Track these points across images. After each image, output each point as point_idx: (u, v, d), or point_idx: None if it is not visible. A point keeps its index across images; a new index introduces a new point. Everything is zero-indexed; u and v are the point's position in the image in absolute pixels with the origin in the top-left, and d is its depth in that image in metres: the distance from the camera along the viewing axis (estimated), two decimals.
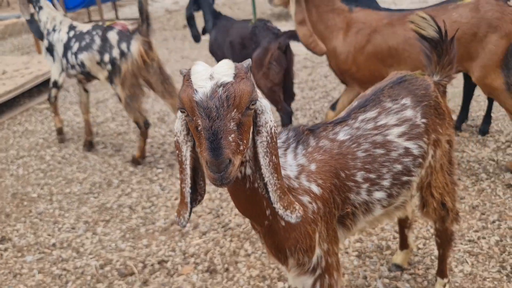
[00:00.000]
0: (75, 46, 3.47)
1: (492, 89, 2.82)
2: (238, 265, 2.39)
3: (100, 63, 3.37)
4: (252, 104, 1.11)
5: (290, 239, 1.33)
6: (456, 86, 4.46)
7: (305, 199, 1.33)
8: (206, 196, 3.03)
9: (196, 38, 4.09)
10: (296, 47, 3.58)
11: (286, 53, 3.35)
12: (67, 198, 3.18)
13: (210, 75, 1.09)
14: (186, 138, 1.22)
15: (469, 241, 2.41)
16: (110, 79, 3.39)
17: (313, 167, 1.37)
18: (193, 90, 1.08)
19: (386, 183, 1.49)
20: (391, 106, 1.54)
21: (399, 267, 2.24)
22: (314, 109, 4.20)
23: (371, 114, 1.52)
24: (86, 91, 3.81)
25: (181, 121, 1.21)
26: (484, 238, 2.42)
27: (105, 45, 3.33)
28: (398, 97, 1.56)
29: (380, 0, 9.00)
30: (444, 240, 1.95)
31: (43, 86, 5.26)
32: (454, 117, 3.75)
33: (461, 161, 3.14)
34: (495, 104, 3.93)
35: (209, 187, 2.91)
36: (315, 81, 4.95)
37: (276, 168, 1.20)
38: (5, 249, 2.68)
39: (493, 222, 2.53)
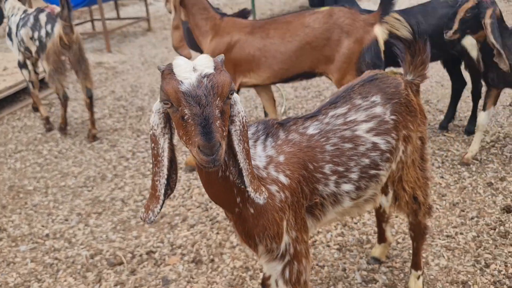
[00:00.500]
0: (20, 25, 4.06)
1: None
2: (223, 256, 2.48)
3: (32, 38, 3.95)
4: (231, 94, 1.21)
5: (259, 226, 1.42)
6: (446, 87, 4.54)
7: (273, 188, 1.42)
8: (196, 191, 3.12)
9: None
10: None
11: None
12: (61, 191, 3.27)
13: (193, 67, 1.18)
14: (164, 130, 1.30)
15: (447, 236, 2.49)
16: (38, 53, 3.97)
17: (281, 158, 1.45)
18: (178, 81, 1.16)
19: (354, 176, 1.57)
20: (361, 103, 1.62)
21: (377, 260, 2.32)
22: (307, 108, 4.28)
23: (341, 110, 1.60)
24: (36, 73, 4.37)
25: (158, 114, 1.29)
26: (461, 233, 2.50)
27: (36, 24, 3.91)
28: (368, 94, 1.64)
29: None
30: (418, 233, 2.02)
31: (43, 82, 5.36)
32: (442, 116, 3.83)
33: (446, 159, 3.22)
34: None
35: (200, 182, 3.00)
36: (308, 81, 5.03)
37: (248, 154, 1.31)
38: (0, 239, 2.77)
39: (472, 218, 2.60)
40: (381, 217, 2.22)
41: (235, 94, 1.27)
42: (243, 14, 3.38)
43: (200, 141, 1.11)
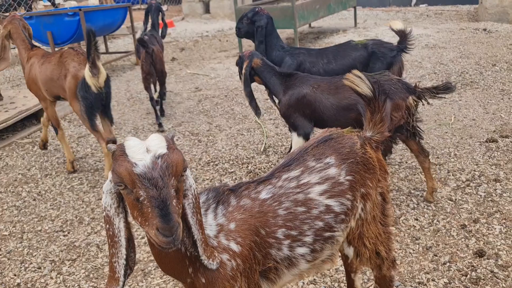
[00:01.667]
0: None
1: (75, 111, 3.84)
2: None
3: None
4: (184, 171, 1.22)
5: None
6: (426, 123, 4.59)
7: (224, 257, 1.42)
8: None
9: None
10: None
11: (152, 55, 5.06)
12: (37, 236, 3.25)
13: (146, 148, 1.20)
14: (118, 210, 1.31)
15: (419, 283, 2.48)
16: None
17: (232, 226, 1.46)
18: (132, 163, 1.18)
19: (308, 239, 1.58)
20: (314, 165, 1.64)
21: None
22: (286, 146, 4.31)
23: (294, 173, 1.62)
24: None
25: (111, 195, 1.30)
26: (433, 280, 2.49)
27: None
28: (322, 156, 1.67)
29: (364, 34, 9.22)
30: (383, 286, 2.02)
31: (27, 120, 5.40)
32: None
33: (420, 200, 3.24)
34: (460, 142, 4.06)
35: None
36: None
37: (201, 224, 1.35)
38: None
39: (444, 263, 2.61)
40: (349, 268, 2.22)
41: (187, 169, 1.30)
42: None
43: (159, 224, 1.13)
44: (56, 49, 7.60)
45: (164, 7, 16.65)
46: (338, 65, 3.49)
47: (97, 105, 3.73)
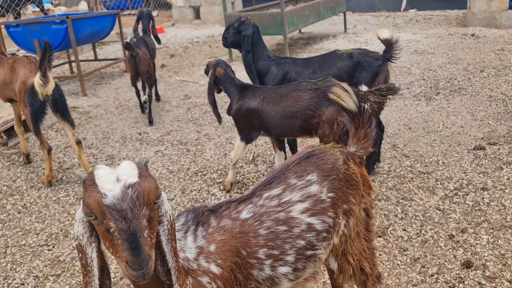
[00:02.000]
0: None
1: (24, 114, 4.09)
2: None
3: None
4: (157, 199, 1.19)
5: None
6: (414, 130, 4.61)
7: (204, 280, 1.39)
8: None
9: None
10: None
11: (136, 57, 5.36)
12: (21, 250, 3.19)
13: (116, 177, 1.16)
14: (90, 239, 1.27)
15: None
16: None
17: (212, 247, 1.44)
18: (101, 194, 1.14)
19: (290, 258, 1.55)
20: (296, 182, 1.62)
21: None
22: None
23: (276, 191, 1.60)
24: None
25: (83, 223, 1.26)
26: None
27: None
28: (304, 173, 1.65)
29: (354, 40, 9.24)
30: None
31: (13, 130, 5.32)
32: (408, 162, 3.86)
33: (408, 209, 3.23)
34: (448, 149, 4.07)
35: None
36: None
37: (175, 252, 1.30)
38: None
39: (432, 275, 2.59)
40: (335, 283, 2.20)
41: (162, 194, 1.26)
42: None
43: (128, 257, 1.10)
44: None
45: (155, 13, 16.63)
46: (323, 75, 3.49)
47: (42, 111, 4.02)
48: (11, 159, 4.77)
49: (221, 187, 3.80)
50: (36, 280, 2.87)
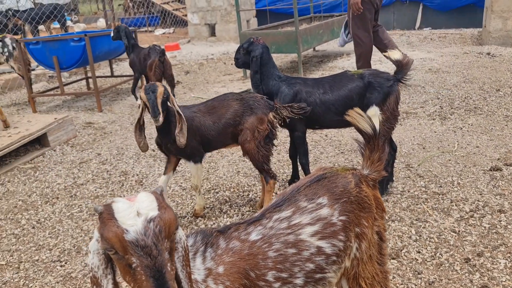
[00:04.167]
0: None
1: None
2: None
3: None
4: (176, 229, 1.18)
5: None
6: (428, 150, 4.56)
7: None
8: None
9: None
10: None
11: (163, 62, 6.38)
12: (34, 266, 3.22)
13: (136, 211, 1.14)
14: (106, 271, 1.24)
15: None
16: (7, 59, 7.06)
17: (221, 269, 1.43)
18: (122, 229, 1.11)
19: (299, 281, 1.54)
20: (306, 205, 1.61)
21: None
22: (288, 173, 4.28)
23: (285, 213, 1.59)
24: None
25: (98, 256, 1.24)
26: None
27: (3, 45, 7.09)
28: (314, 196, 1.64)
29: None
30: None
31: (30, 145, 5.42)
32: (422, 182, 3.81)
33: (423, 231, 3.17)
34: (463, 170, 4.01)
35: None
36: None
37: (190, 277, 1.29)
38: None
39: None
40: None
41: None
42: None
43: None
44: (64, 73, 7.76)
45: (171, 29, 16.90)
46: (334, 96, 3.49)
47: None
48: (27, 173, 4.84)
49: (233, 205, 3.79)
50: None
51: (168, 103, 3.22)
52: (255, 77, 3.66)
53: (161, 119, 3.12)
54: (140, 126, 3.35)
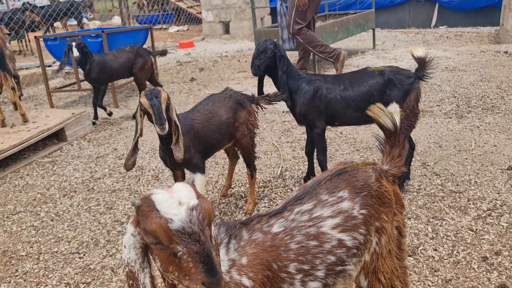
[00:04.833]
0: None
1: None
2: None
3: None
4: (214, 217, 1.20)
5: None
6: (444, 148, 4.53)
7: None
8: None
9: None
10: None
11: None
12: (53, 257, 3.28)
13: (178, 201, 1.15)
14: (143, 265, 1.26)
15: None
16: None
17: (244, 260, 1.45)
18: (166, 219, 1.13)
19: (320, 273, 1.55)
20: (327, 198, 1.62)
21: None
22: (303, 170, 4.29)
23: (307, 206, 1.61)
24: None
25: (135, 250, 1.24)
26: None
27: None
28: (335, 189, 1.65)
29: (383, 56, 9.20)
30: None
31: (48, 139, 5.51)
32: (439, 181, 3.79)
33: (440, 229, 3.16)
34: (480, 169, 3.98)
35: None
36: None
37: (220, 266, 1.31)
38: None
39: None
40: None
41: None
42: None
43: (205, 279, 1.09)
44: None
45: (185, 27, 16.99)
46: (354, 92, 3.48)
47: None
48: (45, 167, 4.92)
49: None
50: (67, 287, 2.93)
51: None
52: (283, 78, 3.60)
53: (167, 126, 2.78)
54: (137, 141, 3.00)
